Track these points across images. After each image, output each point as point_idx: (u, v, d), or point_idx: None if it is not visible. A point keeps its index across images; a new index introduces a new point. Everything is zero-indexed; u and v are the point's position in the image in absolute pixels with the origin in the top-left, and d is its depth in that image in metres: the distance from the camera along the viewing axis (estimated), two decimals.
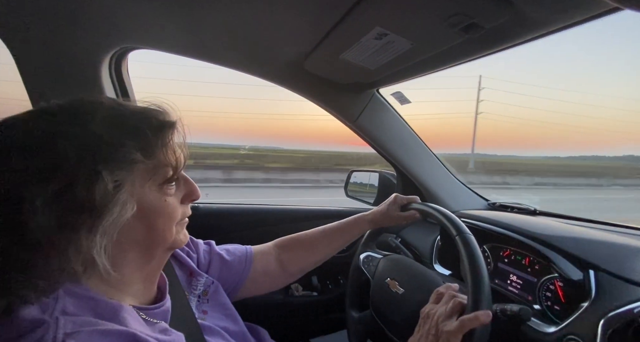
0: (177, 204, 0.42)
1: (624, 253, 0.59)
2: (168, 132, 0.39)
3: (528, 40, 0.53)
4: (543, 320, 0.61)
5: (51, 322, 0.29)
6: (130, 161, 0.35)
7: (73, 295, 0.33)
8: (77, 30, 0.69)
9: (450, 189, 1.08)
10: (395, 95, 0.98)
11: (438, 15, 0.50)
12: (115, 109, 0.37)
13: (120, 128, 0.35)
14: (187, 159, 0.42)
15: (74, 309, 0.32)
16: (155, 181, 0.38)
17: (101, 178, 0.32)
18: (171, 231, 0.41)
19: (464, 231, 0.55)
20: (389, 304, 0.68)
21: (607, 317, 0.49)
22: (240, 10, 0.61)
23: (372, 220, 0.74)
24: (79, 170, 0.32)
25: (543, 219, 0.86)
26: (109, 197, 0.33)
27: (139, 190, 0.37)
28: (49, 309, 0.31)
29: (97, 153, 0.33)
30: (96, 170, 0.32)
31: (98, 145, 0.33)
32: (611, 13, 0.41)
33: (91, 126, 0.34)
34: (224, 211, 1.07)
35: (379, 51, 0.65)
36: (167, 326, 0.40)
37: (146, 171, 0.37)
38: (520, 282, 0.72)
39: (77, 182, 0.31)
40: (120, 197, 0.34)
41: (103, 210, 0.33)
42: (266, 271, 0.66)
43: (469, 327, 0.45)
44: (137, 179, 0.36)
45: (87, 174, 0.32)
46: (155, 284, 0.45)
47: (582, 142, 58.97)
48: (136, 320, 0.36)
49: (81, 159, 0.32)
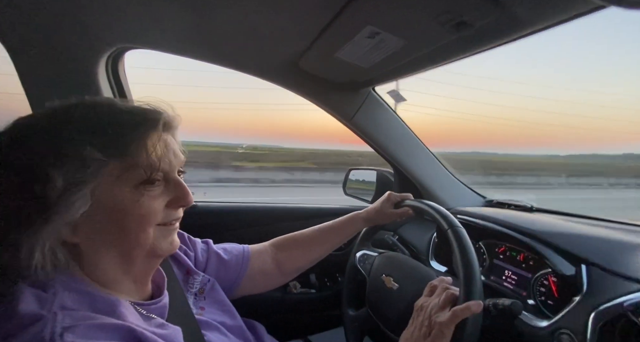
0: (157, 206, 0.40)
1: (615, 248, 0.60)
2: (143, 129, 0.38)
3: (518, 37, 0.54)
4: (537, 315, 0.61)
5: (49, 316, 0.30)
6: (88, 161, 0.35)
7: (71, 290, 0.34)
8: (74, 30, 0.70)
9: (447, 186, 1.09)
10: (390, 94, 0.99)
11: (428, 13, 0.50)
12: (92, 108, 0.38)
13: (85, 129, 0.36)
14: (181, 162, 0.42)
15: (72, 304, 0.33)
16: (126, 181, 0.37)
17: (50, 178, 0.34)
18: (145, 233, 0.39)
19: (455, 225, 0.56)
20: (384, 300, 0.68)
21: (597, 310, 0.49)
22: (235, 10, 0.62)
23: (366, 218, 0.74)
24: (34, 171, 0.34)
25: (538, 216, 0.86)
26: (60, 195, 0.34)
27: (105, 189, 0.36)
28: (48, 304, 0.31)
29: (47, 156, 0.34)
30: (45, 171, 0.34)
31: (49, 148, 0.35)
32: (597, 11, 0.42)
33: (67, 126, 0.36)
34: (221, 210, 1.08)
35: (372, 50, 0.66)
36: (164, 321, 0.41)
37: (118, 170, 0.36)
38: (515, 278, 0.72)
39: (32, 182, 0.34)
40: (72, 196, 0.34)
41: (54, 206, 0.34)
42: (263, 271, 0.67)
43: (461, 317, 0.46)
44: (105, 178, 0.36)
45: (39, 174, 0.34)
46: (148, 284, 0.46)
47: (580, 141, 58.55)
48: (133, 315, 0.37)
49: (33, 161, 0.34)
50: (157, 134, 0.39)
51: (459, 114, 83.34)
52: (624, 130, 72.50)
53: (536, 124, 54.26)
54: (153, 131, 0.38)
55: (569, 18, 0.46)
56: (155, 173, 0.38)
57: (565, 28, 0.49)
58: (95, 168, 0.35)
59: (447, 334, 0.46)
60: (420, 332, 0.49)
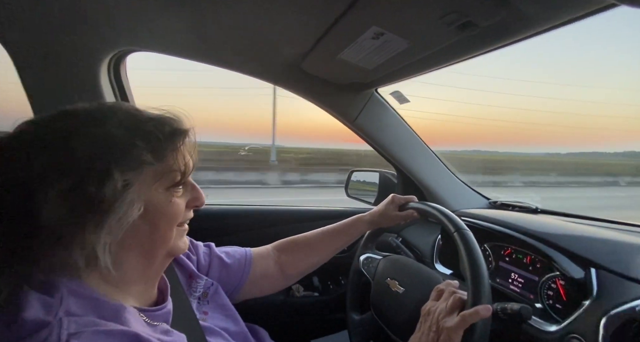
0: (182, 207, 0.43)
1: (625, 251, 0.59)
2: (179, 139, 0.40)
3: (524, 38, 0.53)
4: (545, 319, 0.60)
5: (55, 323, 0.30)
6: (140, 162, 0.36)
7: (77, 295, 0.34)
8: (76, 33, 0.70)
9: (451, 188, 1.08)
10: (394, 95, 0.98)
11: (433, 13, 0.50)
12: (132, 113, 0.39)
13: (134, 131, 0.37)
14: (195, 165, 0.44)
15: (77, 310, 0.33)
16: (162, 183, 0.39)
17: (111, 177, 0.34)
18: (171, 233, 0.42)
19: (462, 227, 0.55)
20: (390, 304, 0.67)
21: (608, 315, 0.48)
22: (238, 12, 0.62)
23: (370, 220, 0.74)
24: (91, 168, 0.33)
25: (544, 218, 0.85)
26: (118, 195, 0.34)
27: (146, 190, 0.38)
28: (54, 310, 0.31)
29: (110, 153, 0.35)
30: (108, 169, 0.34)
31: (112, 145, 0.35)
32: (607, 9, 0.41)
33: (108, 128, 0.36)
34: (223, 213, 1.07)
35: (376, 51, 0.65)
36: (169, 327, 0.41)
37: (155, 173, 0.38)
38: (522, 281, 0.71)
39: (88, 179, 0.33)
40: (128, 197, 0.35)
41: (110, 208, 0.34)
42: (265, 274, 0.66)
43: (470, 322, 0.45)
44: (146, 180, 0.38)
45: (99, 172, 0.33)
46: (155, 287, 0.46)
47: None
48: (138, 321, 0.37)
49: (94, 158, 0.34)
50: (186, 141, 0.42)
51: (456, 117, 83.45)
52: (624, 129, 72.04)
53: (537, 124, 54.22)
54: (184, 139, 0.41)
55: (578, 17, 0.45)
56: (186, 177, 0.42)
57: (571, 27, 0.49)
58: (142, 170, 0.37)
59: (455, 340, 0.45)
60: (428, 337, 0.48)
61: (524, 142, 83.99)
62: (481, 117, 56.22)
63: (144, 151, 0.36)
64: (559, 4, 0.44)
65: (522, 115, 54.57)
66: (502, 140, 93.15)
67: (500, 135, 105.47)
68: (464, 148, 37.52)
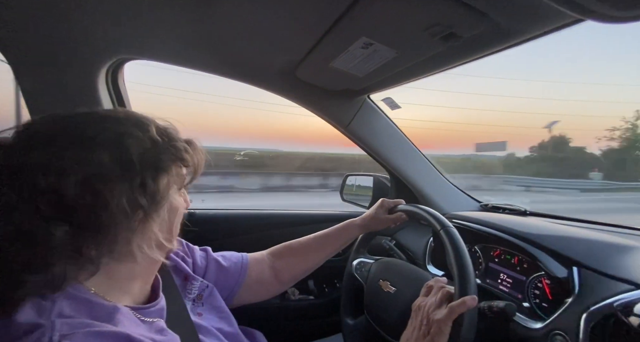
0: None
1: (606, 250, 0.61)
2: (192, 145, 0.45)
3: (504, 48, 0.57)
4: (532, 317, 0.62)
5: (47, 325, 0.30)
6: (181, 164, 0.42)
7: (70, 297, 0.34)
8: (74, 41, 0.71)
9: (443, 191, 1.10)
10: (385, 101, 1.01)
11: (419, 25, 0.52)
12: (154, 122, 0.43)
13: (168, 137, 0.41)
14: (202, 169, 0.48)
15: (70, 311, 0.33)
16: (178, 184, 0.44)
17: (165, 173, 0.39)
18: (177, 231, 0.46)
19: (447, 225, 0.58)
20: (382, 305, 0.69)
21: (588, 311, 0.50)
22: (233, 21, 0.64)
23: (361, 225, 0.75)
24: (148, 165, 0.37)
25: (532, 220, 0.88)
26: (167, 190, 0.40)
27: (172, 190, 0.42)
28: (46, 313, 0.32)
29: (161, 152, 0.39)
30: (162, 166, 0.39)
31: (160, 146, 0.39)
32: (576, 23, 0.44)
33: (151, 133, 0.39)
34: (218, 217, 1.08)
35: (366, 59, 0.68)
36: (164, 325, 0.41)
37: (178, 175, 0.43)
38: (510, 281, 0.73)
39: (147, 175, 0.37)
40: (171, 192, 0.41)
41: (163, 200, 0.39)
42: (260, 279, 0.67)
43: (458, 312, 0.47)
44: (175, 180, 0.42)
45: (155, 168, 0.38)
46: (150, 284, 0.47)
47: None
48: (132, 321, 0.37)
49: (149, 156, 0.38)
50: (195, 147, 0.46)
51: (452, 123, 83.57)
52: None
53: (532, 128, 54.67)
54: (193, 144, 0.46)
55: (551, 30, 0.48)
56: (194, 179, 0.46)
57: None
58: (173, 172, 0.41)
59: (445, 331, 0.47)
60: (419, 332, 0.50)
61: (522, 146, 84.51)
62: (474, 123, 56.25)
63: (182, 153, 0.41)
64: (533, 18, 0.47)
65: (518, 117, 54.92)
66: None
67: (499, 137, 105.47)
68: (463, 152, 38.05)
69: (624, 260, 0.58)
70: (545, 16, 0.45)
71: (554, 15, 0.44)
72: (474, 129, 38.37)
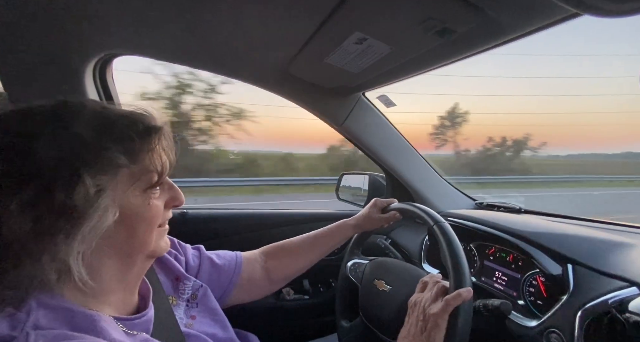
0: (161, 208, 0.41)
1: (600, 247, 0.61)
2: (154, 137, 0.38)
3: (500, 44, 0.56)
4: (527, 314, 0.62)
5: (21, 338, 0.28)
6: (114, 165, 0.34)
7: (47, 307, 0.32)
8: (60, 37, 0.69)
9: (438, 189, 1.10)
10: (380, 99, 1.00)
11: (412, 20, 0.51)
12: (99, 112, 0.36)
13: (104, 131, 0.34)
14: (172, 164, 0.42)
15: (47, 323, 0.31)
16: (139, 185, 0.37)
17: (82, 182, 0.31)
18: (151, 236, 0.40)
19: (439, 220, 0.58)
20: (378, 304, 0.68)
21: (583, 308, 0.50)
22: (224, 17, 0.63)
23: (355, 225, 0.75)
24: (59, 173, 0.31)
25: (526, 217, 0.88)
26: (90, 202, 0.32)
27: (121, 195, 0.36)
28: (20, 325, 0.30)
29: (79, 156, 0.32)
30: (78, 174, 0.31)
31: (80, 148, 0.32)
32: (572, 18, 0.44)
33: (74, 129, 0.33)
34: (211, 216, 1.07)
35: (360, 55, 0.67)
36: (149, 337, 0.39)
37: (130, 175, 0.36)
38: (505, 279, 0.73)
39: (55, 186, 0.30)
40: (101, 203, 0.33)
41: (83, 215, 0.31)
42: (252, 279, 0.66)
43: (454, 305, 0.47)
44: (120, 183, 0.35)
45: (67, 177, 0.31)
46: (135, 294, 0.44)
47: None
48: (115, 330, 0.35)
49: (61, 162, 0.31)
50: (161, 140, 0.39)
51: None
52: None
53: (537, 125, 54.49)
54: (158, 137, 0.39)
55: (546, 24, 0.48)
56: (163, 177, 0.40)
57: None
58: (115, 173, 0.35)
59: (442, 325, 0.47)
60: (416, 327, 0.49)
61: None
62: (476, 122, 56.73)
63: (116, 153, 0.34)
64: (528, 13, 0.47)
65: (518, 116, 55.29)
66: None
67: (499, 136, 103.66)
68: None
69: (618, 257, 0.58)
70: (541, 10, 0.45)
71: (549, 9, 0.44)
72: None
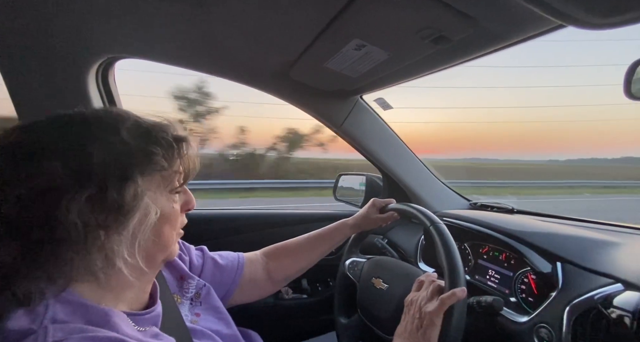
0: (179, 211, 0.44)
1: (588, 245, 0.64)
2: (183, 144, 0.41)
3: (493, 51, 0.59)
4: (518, 311, 0.64)
5: (40, 331, 0.30)
6: (158, 168, 0.38)
7: (64, 302, 0.33)
8: (63, 39, 0.70)
9: (434, 190, 1.12)
10: (377, 102, 1.03)
11: (410, 28, 0.54)
12: (137, 120, 0.39)
13: (147, 137, 0.38)
14: (197, 170, 0.45)
15: (64, 317, 0.32)
16: (166, 188, 0.40)
17: (133, 182, 0.35)
18: (173, 238, 0.43)
19: (436, 221, 0.60)
20: (375, 302, 0.70)
21: (571, 304, 0.53)
22: (226, 21, 0.64)
23: (353, 224, 0.76)
24: (112, 173, 0.34)
25: (519, 217, 0.91)
26: (137, 200, 0.35)
27: (155, 195, 0.39)
28: (39, 318, 0.31)
29: (130, 159, 0.35)
30: (129, 174, 0.35)
31: (130, 151, 0.36)
32: (559, 28, 0.47)
33: (122, 134, 0.36)
34: (211, 217, 1.08)
35: (359, 61, 0.69)
36: (159, 331, 0.41)
37: (162, 178, 0.39)
38: (498, 277, 0.76)
39: (109, 185, 0.33)
40: (146, 202, 0.36)
41: (130, 213, 0.35)
42: (253, 279, 0.67)
43: (448, 304, 0.49)
44: (157, 185, 0.39)
45: (120, 177, 0.34)
46: (148, 291, 0.46)
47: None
48: (127, 325, 0.37)
49: (115, 164, 0.34)
50: (188, 147, 0.42)
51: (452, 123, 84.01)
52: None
53: (536, 130, 55.13)
54: (185, 144, 0.42)
55: (536, 34, 0.50)
56: (187, 181, 0.43)
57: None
58: (156, 175, 0.38)
59: (437, 323, 0.49)
60: (412, 325, 0.51)
61: (522, 149, 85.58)
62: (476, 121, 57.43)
63: (159, 157, 0.37)
64: (518, 23, 0.49)
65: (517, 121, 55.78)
66: (500, 147, 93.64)
67: (498, 142, 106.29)
68: (463, 156, 38.39)
69: (605, 255, 0.61)
70: (531, 21, 0.47)
71: (538, 21, 0.46)
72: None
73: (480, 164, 19.37)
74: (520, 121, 42.93)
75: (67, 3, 0.60)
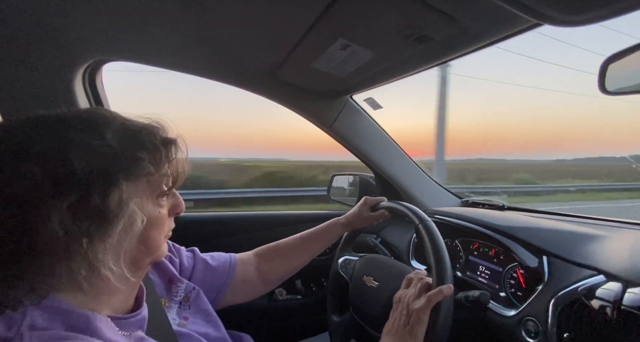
0: (167, 216, 0.43)
1: (572, 239, 0.65)
2: (172, 148, 0.40)
3: (475, 49, 0.60)
4: (507, 305, 0.65)
5: (16, 339, 0.29)
6: (144, 173, 0.36)
7: (43, 308, 0.32)
8: (48, 43, 0.69)
9: (426, 188, 1.13)
10: (367, 101, 1.03)
11: (392, 27, 0.54)
12: (124, 122, 0.38)
13: (133, 141, 0.36)
14: (186, 174, 0.44)
15: (43, 323, 0.31)
16: (153, 193, 0.39)
17: (118, 188, 0.33)
18: (160, 242, 0.42)
19: (425, 219, 0.61)
20: (366, 299, 0.70)
21: (556, 297, 0.54)
22: (212, 22, 0.64)
23: (345, 223, 0.77)
24: (96, 179, 0.32)
25: (508, 213, 0.92)
26: (122, 207, 0.34)
27: (141, 201, 0.37)
28: (16, 325, 0.30)
29: (115, 164, 0.34)
30: (113, 180, 0.33)
31: (115, 156, 0.34)
32: (535, 27, 0.48)
33: (107, 137, 0.34)
34: (202, 219, 1.08)
35: (345, 60, 0.70)
36: (144, 335, 0.40)
37: (149, 183, 0.38)
38: (489, 273, 0.77)
39: (92, 192, 0.32)
40: (131, 208, 0.35)
41: (115, 220, 0.33)
42: (246, 280, 0.67)
43: (435, 301, 0.50)
44: (142, 190, 0.37)
45: (103, 183, 0.33)
46: (134, 295, 0.45)
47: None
48: (111, 329, 0.36)
49: (98, 169, 0.32)
50: (177, 150, 0.41)
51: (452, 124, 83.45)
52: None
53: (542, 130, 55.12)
54: (174, 147, 0.41)
55: (514, 32, 0.51)
56: (175, 186, 0.42)
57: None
58: (142, 181, 0.37)
59: (424, 319, 0.50)
60: (400, 322, 0.52)
61: (528, 150, 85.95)
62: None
63: (145, 162, 0.36)
64: (496, 22, 0.50)
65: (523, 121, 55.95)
66: (507, 148, 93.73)
67: (504, 142, 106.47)
68: (468, 157, 38.46)
69: (589, 248, 0.62)
70: (507, 19, 0.48)
71: (515, 19, 0.47)
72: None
73: (486, 165, 19.01)
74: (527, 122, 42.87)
75: (51, 5, 0.59)
